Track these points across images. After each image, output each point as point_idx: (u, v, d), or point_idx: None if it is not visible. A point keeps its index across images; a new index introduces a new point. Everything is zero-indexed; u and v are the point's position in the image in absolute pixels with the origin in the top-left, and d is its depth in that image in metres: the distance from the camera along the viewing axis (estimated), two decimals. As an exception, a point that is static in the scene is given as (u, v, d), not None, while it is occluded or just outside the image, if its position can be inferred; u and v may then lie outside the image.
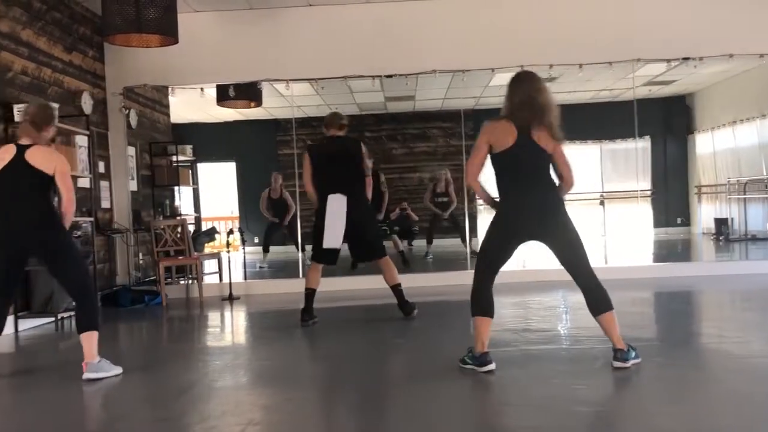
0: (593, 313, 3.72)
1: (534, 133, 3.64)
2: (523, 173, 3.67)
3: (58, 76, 6.80)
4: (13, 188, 4.01)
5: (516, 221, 3.68)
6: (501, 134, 3.65)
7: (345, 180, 5.41)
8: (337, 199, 5.32)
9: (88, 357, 3.96)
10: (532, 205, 3.64)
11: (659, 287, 7.09)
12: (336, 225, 5.30)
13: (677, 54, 7.76)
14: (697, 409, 3.05)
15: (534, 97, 3.64)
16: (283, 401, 3.45)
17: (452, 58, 7.65)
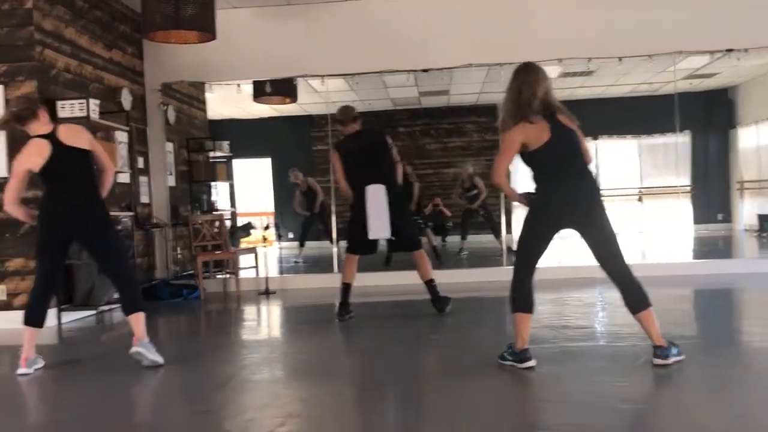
0: (631, 311, 3.65)
1: (560, 119, 3.60)
2: (561, 164, 3.62)
3: (99, 73, 6.92)
4: (67, 174, 4.05)
5: (553, 211, 3.63)
6: (535, 132, 3.58)
7: (379, 171, 5.42)
8: (376, 189, 5.32)
9: (138, 334, 4.05)
10: (569, 194, 3.59)
11: (700, 284, 6.95)
12: (381, 214, 5.30)
13: (720, 46, 7.57)
14: (740, 407, 2.98)
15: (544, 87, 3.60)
16: (321, 395, 3.46)
17: (489, 51, 7.57)
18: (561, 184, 3.61)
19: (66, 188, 4.07)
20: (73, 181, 4.07)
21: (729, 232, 13.04)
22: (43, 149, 4.02)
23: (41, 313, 4.19)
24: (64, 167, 4.04)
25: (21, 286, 5.84)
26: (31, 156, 4.04)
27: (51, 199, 4.11)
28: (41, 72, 5.90)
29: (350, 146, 5.56)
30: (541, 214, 3.67)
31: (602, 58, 7.73)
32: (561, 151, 3.61)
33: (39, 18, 5.90)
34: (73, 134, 4.08)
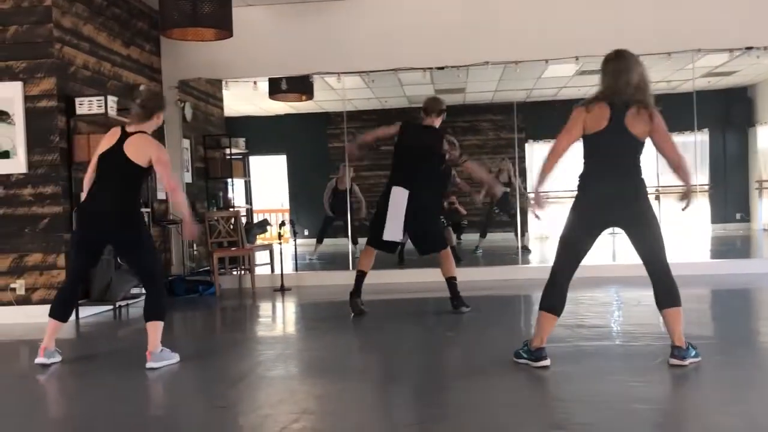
0: (659, 306, 3.61)
1: (628, 116, 3.53)
2: (608, 158, 3.57)
3: (117, 70, 6.97)
4: (106, 175, 4.08)
5: (596, 208, 3.59)
6: (595, 116, 3.55)
7: (416, 175, 5.37)
8: (400, 192, 5.32)
9: (151, 347, 4.03)
10: (611, 191, 3.55)
11: (717, 284, 6.89)
12: (397, 218, 5.31)
13: (739, 43, 7.49)
14: (757, 408, 2.96)
15: (626, 78, 3.54)
16: (336, 391, 3.48)
17: (505, 49, 7.55)
18: (601, 180, 3.56)
19: (104, 188, 4.07)
20: (112, 182, 4.05)
21: (747, 231, 12.90)
22: (113, 138, 4.06)
23: (67, 308, 4.25)
24: (111, 166, 4.04)
25: (40, 281, 5.91)
26: (106, 138, 4.11)
27: (88, 196, 4.13)
28: (60, 69, 5.96)
29: (410, 136, 5.49)
30: (583, 208, 3.61)
31: (620, 55, 7.65)
32: (610, 146, 3.55)
33: (58, 15, 5.95)
34: (136, 148, 4.02)
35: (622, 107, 3.53)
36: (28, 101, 5.89)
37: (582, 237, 3.63)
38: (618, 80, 3.56)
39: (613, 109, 3.54)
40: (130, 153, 4.01)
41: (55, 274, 5.89)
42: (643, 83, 3.60)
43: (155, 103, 4.17)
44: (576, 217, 3.63)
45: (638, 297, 6.18)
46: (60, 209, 5.90)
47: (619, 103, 3.54)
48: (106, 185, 4.08)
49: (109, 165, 4.06)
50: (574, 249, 3.65)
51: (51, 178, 5.91)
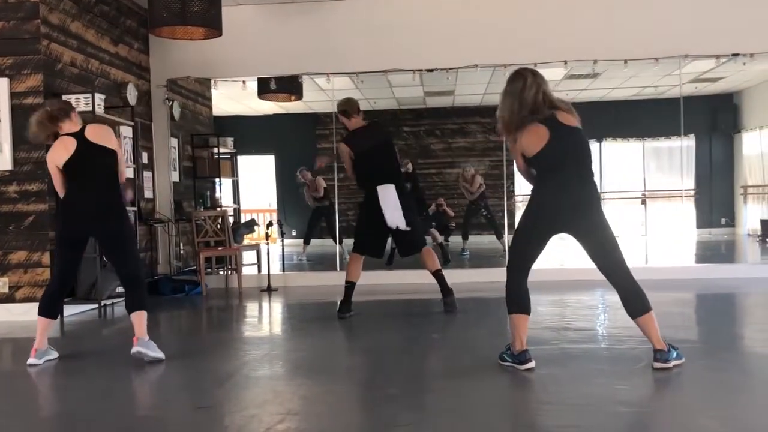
0: (630, 315, 3.63)
1: (560, 119, 3.55)
2: (562, 166, 3.55)
3: (105, 68, 6.93)
4: (88, 174, 4.11)
5: (547, 215, 3.59)
6: (532, 139, 3.54)
7: (390, 170, 5.44)
8: (386, 188, 5.33)
9: (138, 333, 4.07)
10: (567, 200, 3.54)
11: (702, 289, 6.94)
12: (395, 208, 5.31)
13: (726, 50, 7.56)
14: (740, 412, 2.98)
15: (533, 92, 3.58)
16: (322, 392, 3.47)
17: (494, 52, 7.57)
18: (559, 189, 3.55)
19: (86, 187, 4.12)
20: (93, 181, 4.12)
21: (732, 236, 13.02)
22: (69, 145, 4.10)
23: (55, 304, 4.26)
24: (86, 165, 4.10)
25: (24, 279, 5.86)
26: (57, 150, 4.12)
27: (72, 197, 4.16)
28: (47, 66, 5.92)
29: (361, 143, 5.47)
30: (536, 216, 3.63)
31: (608, 60, 7.72)
32: (561, 154, 3.55)
33: (45, 11, 5.91)
34: (101, 133, 4.16)
35: (551, 116, 3.55)
36: (14, 98, 5.84)
37: (533, 242, 3.68)
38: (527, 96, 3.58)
39: (545, 121, 3.53)
40: (99, 140, 4.11)
41: (39, 272, 5.84)
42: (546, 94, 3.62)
43: (61, 105, 4.25)
44: (528, 223, 3.68)
45: (624, 300, 6.22)
46: (45, 207, 5.85)
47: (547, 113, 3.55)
48: (91, 182, 4.12)
49: (87, 163, 4.09)
50: (526, 252, 3.70)
51: (36, 175, 5.86)
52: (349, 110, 5.51)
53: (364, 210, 5.49)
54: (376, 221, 5.36)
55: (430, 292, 5.70)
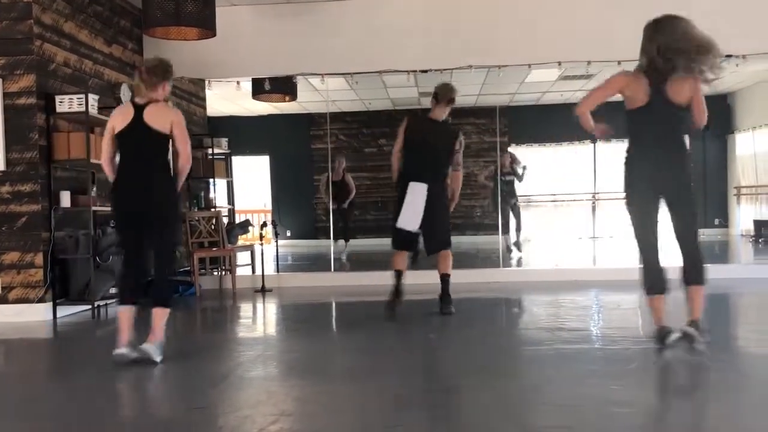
0: (686, 282, 3.79)
1: (669, 86, 3.70)
2: (653, 132, 3.73)
3: (99, 68, 6.91)
4: (134, 152, 4.02)
5: (645, 177, 3.76)
6: (636, 87, 3.73)
7: (433, 171, 5.31)
8: (419, 188, 5.24)
9: (156, 334, 4.00)
10: (659, 163, 3.73)
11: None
12: (415, 210, 5.24)
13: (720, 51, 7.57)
14: (735, 411, 2.99)
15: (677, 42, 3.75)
16: (315, 393, 3.47)
17: (489, 53, 7.58)
18: (651, 150, 3.73)
19: (136, 167, 4.02)
20: (138, 159, 4.01)
21: (726, 237, 13.07)
22: (127, 115, 4.01)
23: (135, 291, 4.12)
24: (133, 141, 4.01)
25: (17, 280, 5.84)
26: (116, 115, 4.07)
27: (125, 174, 4.05)
28: (40, 66, 5.90)
29: (422, 130, 5.37)
30: (636, 183, 3.79)
31: (601, 61, 7.73)
32: (653, 121, 3.71)
33: (38, 11, 5.89)
34: (156, 115, 4.00)
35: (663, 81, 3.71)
36: (6, 98, 5.82)
37: (645, 212, 3.86)
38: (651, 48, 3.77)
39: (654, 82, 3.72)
40: (151, 122, 3.98)
41: (32, 273, 5.82)
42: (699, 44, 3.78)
43: (161, 71, 4.07)
44: (631, 196, 3.88)
45: (618, 301, 6.24)
46: (38, 207, 5.83)
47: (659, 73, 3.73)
48: (136, 160, 4.02)
49: (133, 140, 4.01)
50: (645, 227, 3.88)
51: (30, 176, 5.84)
52: (440, 95, 5.41)
53: (397, 205, 5.40)
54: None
55: (426, 292, 5.69)
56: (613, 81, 3.93)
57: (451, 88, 5.46)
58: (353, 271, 8.49)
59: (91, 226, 6.00)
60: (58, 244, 5.95)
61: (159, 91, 4.06)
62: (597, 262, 10.24)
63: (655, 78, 3.73)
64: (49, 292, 5.88)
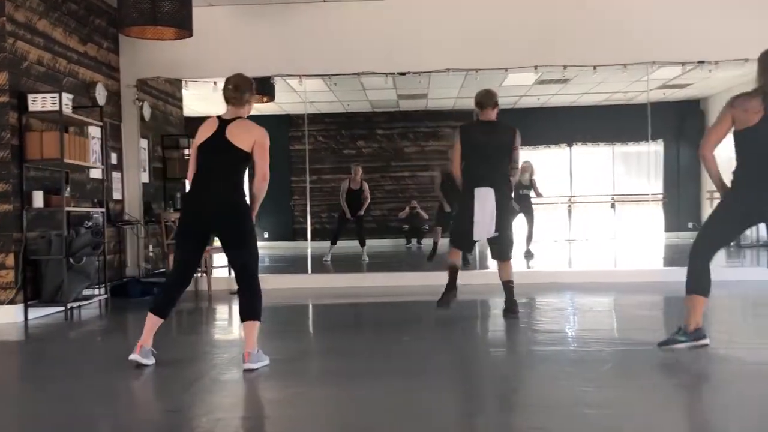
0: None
1: None
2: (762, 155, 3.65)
3: (73, 67, 6.83)
4: (211, 165, 3.93)
5: (745, 204, 3.71)
6: (746, 111, 3.66)
7: (496, 173, 5.26)
8: (486, 192, 5.20)
9: (249, 347, 3.91)
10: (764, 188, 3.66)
11: (669, 291, 7.03)
12: (487, 217, 5.20)
13: (692, 57, 7.71)
14: (706, 414, 3.04)
15: None
16: (291, 395, 3.46)
17: (466, 57, 7.62)
18: (760, 174, 3.66)
19: (205, 180, 3.94)
20: (214, 175, 3.92)
21: (699, 240, 13.22)
22: (211, 127, 3.94)
23: (168, 304, 4.07)
24: (212, 156, 3.92)
25: (-11, 282, 5.75)
26: (201, 129, 3.97)
27: (198, 187, 3.97)
28: (12, 64, 5.81)
29: (477, 136, 5.32)
30: (735, 201, 3.75)
31: (578, 66, 7.82)
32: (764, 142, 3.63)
33: (11, 9, 5.81)
34: (239, 133, 3.90)
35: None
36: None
37: (727, 227, 3.86)
38: None
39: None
40: (233, 138, 3.89)
41: (3, 274, 5.73)
42: None
43: (247, 88, 4.00)
44: (725, 212, 3.83)
45: (591, 303, 6.31)
46: (10, 207, 5.75)
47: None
48: (211, 174, 3.93)
49: (212, 154, 3.92)
50: (716, 236, 3.87)
51: (1, 175, 5.76)
52: (483, 102, 5.37)
53: (460, 207, 5.40)
54: (467, 222, 5.26)
55: (405, 294, 5.70)
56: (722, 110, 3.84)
57: (493, 94, 5.42)
58: (331, 273, 8.48)
59: (65, 227, 5.92)
60: (31, 245, 5.87)
61: (246, 107, 4.01)
62: (573, 265, 10.33)
63: None
64: (20, 294, 5.79)
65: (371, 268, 9.63)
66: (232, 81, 3.99)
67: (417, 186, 14.09)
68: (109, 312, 6.35)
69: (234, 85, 3.97)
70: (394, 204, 14.06)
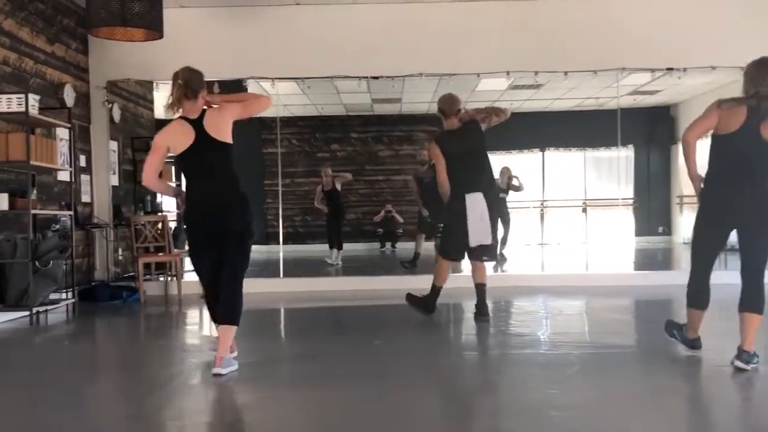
0: (741, 308, 3.69)
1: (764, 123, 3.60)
2: (739, 161, 3.66)
3: (41, 68, 6.72)
4: (207, 170, 3.79)
5: (723, 210, 3.70)
6: (729, 116, 3.63)
7: (480, 177, 5.25)
8: (476, 198, 5.18)
9: (222, 351, 3.81)
10: (739, 194, 3.66)
11: (639, 295, 7.13)
12: (482, 222, 5.18)
13: (661, 64, 7.82)
14: (672, 415, 3.07)
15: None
16: (261, 400, 3.43)
17: (439, 61, 7.65)
18: (732, 180, 3.66)
19: (212, 185, 3.80)
20: (219, 179, 3.80)
21: (669, 244, 13.43)
22: (189, 134, 3.74)
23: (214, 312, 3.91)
24: (206, 161, 3.78)
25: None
26: (176, 134, 3.77)
27: (196, 194, 3.84)
28: (-22, 64, 5.71)
29: (454, 146, 5.27)
30: (712, 208, 3.75)
31: (549, 71, 7.89)
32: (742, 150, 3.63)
33: (-23, 8, 5.71)
34: (217, 125, 3.76)
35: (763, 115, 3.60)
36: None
37: (710, 236, 3.80)
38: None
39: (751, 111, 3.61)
40: (217, 134, 3.75)
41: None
42: None
43: (198, 80, 3.83)
44: (704, 216, 3.80)
45: (562, 306, 6.35)
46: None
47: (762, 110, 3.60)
48: (212, 177, 3.80)
49: (203, 157, 3.76)
50: (704, 247, 3.82)
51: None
52: (447, 110, 5.31)
53: (451, 216, 5.32)
54: (461, 230, 5.21)
55: (375, 298, 5.69)
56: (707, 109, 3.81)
57: (455, 100, 5.37)
58: (303, 277, 8.43)
59: (31, 230, 5.81)
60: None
61: (201, 100, 3.84)
62: (545, 269, 10.41)
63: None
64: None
65: (345, 271, 9.61)
66: (181, 77, 3.81)
67: (391, 190, 14.10)
68: (76, 316, 6.24)
69: (184, 80, 3.79)
70: (368, 208, 14.05)
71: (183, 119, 3.81)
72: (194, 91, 3.77)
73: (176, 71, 3.82)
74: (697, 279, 3.78)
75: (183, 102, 3.79)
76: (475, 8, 7.73)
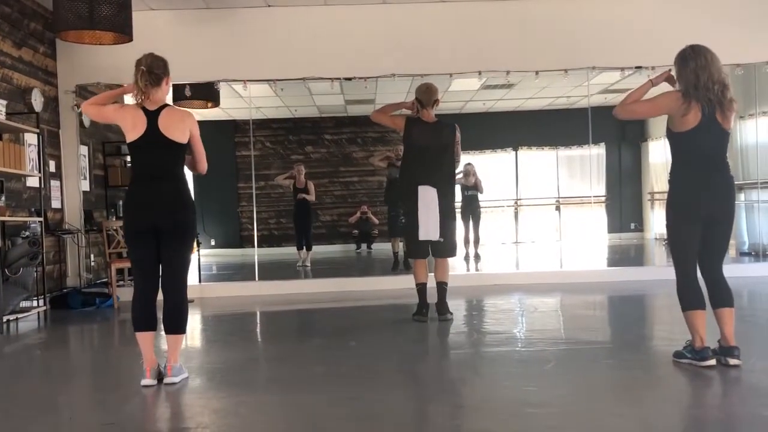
0: (716, 305, 3.68)
1: (718, 113, 3.60)
2: (702, 156, 3.65)
3: (7, 72, 6.61)
4: (150, 163, 3.67)
5: (697, 204, 3.66)
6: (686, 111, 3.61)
7: (438, 173, 5.22)
8: (427, 191, 5.17)
9: (173, 360, 3.73)
10: (708, 184, 3.64)
11: (612, 291, 7.22)
12: (431, 216, 5.17)
13: (630, 63, 7.92)
14: (646, 410, 3.10)
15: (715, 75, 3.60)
16: (234, 404, 3.40)
17: (411, 62, 7.66)
18: (699, 173, 3.64)
19: (152, 180, 3.68)
20: (160, 175, 3.67)
21: (641, 240, 13.62)
22: (140, 124, 3.62)
23: (146, 313, 3.77)
24: (151, 155, 3.66)
25: None
26: (128, 114, 3.68)
27: (139, 186, 3.72)
28: (-58, 69, 5.60)
29: (421, 137, 5.25)
30: (682, 203, 3.71)
31: (520, 71, 7.96)
32: (704, 145, 3.63)
33: (-60, 12, 5.60)
34: (171, 124, 3.64)
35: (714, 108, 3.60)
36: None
37: (686, 231, 3.72)
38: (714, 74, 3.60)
39: (705, 107, 3.59)
40: (168, 132, 3.63)
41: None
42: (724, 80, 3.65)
43: (162, 67, 3.73)
44: (675, 214, 3.75)
45: (537, 304, 6.41)
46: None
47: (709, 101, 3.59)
48: (153, 172, 3.67)
49: (149, 151, 3.65)
50: (684, 245, 3.73)
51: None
52: (424, 100, 5.29)
53: (408, 212, 5.31)
54: (415, 226, 5.22)
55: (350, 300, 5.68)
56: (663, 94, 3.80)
57: (432, 91, 5.35)
58: (278, 280, 8.39)
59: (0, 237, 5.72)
60: (-37, 257, 5.64)
61: (164, 89, 3.74)
62: (519, 267, 10.48)
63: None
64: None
65: (321, 273, 9.58)
66: (144, 63, 3.68)
67: (366, 191, 14.10)
68: (48, 324, 6.15)
69: (147, 66, 3.67)
70: (343, 209, 14.04)
71: (140, 107, 3.70)
72: (157, 77, 3.67)
73: (139, 58, 3.71)
74: (687, 279, 3.72)
75: (149, 90, 3.67)
76: (446, 9, 7.77)
